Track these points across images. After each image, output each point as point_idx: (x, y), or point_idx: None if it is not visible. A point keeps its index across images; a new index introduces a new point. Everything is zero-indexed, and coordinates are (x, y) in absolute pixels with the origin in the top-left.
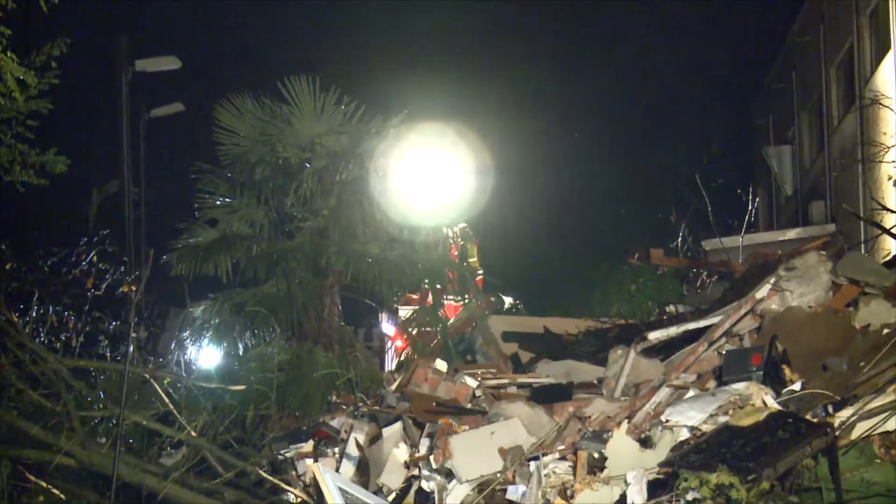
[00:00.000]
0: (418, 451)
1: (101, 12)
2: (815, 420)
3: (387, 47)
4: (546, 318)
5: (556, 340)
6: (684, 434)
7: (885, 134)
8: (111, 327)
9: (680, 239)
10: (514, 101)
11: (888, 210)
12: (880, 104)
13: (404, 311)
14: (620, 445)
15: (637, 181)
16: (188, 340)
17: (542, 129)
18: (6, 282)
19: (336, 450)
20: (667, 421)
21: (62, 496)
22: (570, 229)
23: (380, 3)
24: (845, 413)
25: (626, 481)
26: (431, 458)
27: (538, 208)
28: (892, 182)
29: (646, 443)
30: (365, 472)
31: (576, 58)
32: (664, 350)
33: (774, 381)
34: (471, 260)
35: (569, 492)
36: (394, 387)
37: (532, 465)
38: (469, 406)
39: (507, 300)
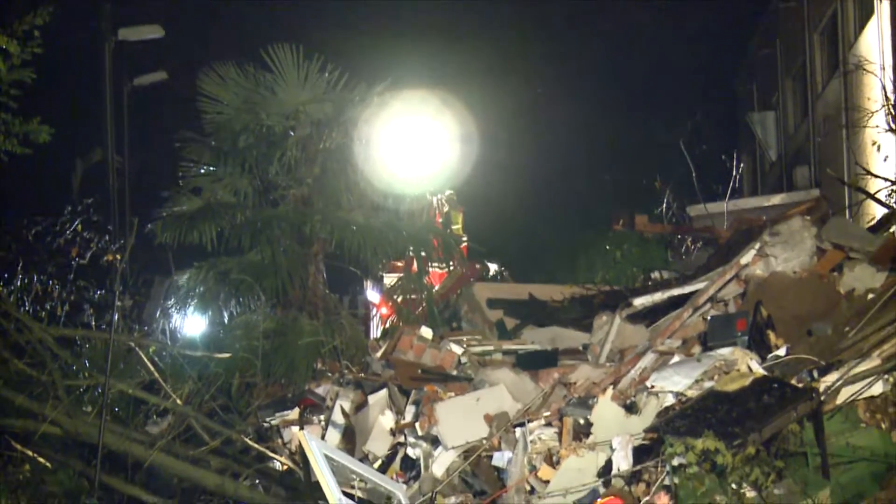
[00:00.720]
0: (404, 419)
1: None
2: (800, 385)
3: (370, 14)
4: (531, 285)
5: (542, 307)
6: (669, 400)
7: (868, 99)
8: (96, 296)
9: (664, 205)
10: (499, 70)
11: (872, 175)
12: (864, 69)
13: (389, 279)
14: (605, 411)
15: (621, 148)
16: (173, 309)
17: (527, 98)
18: None
19: (322, 417)
20: (652, 387)
21: (48, 465)
22: (555, 196)
23: None
24: (830, 378)
25: (611, 447)
26: (417, 425)
27: (523, 176)
28: (875, 147)
29: (631, 409)
30: (351, 440)
31: (559, 25)
32: (649, 316)
33: (759, 346)
34: (454, 227)
35: (554, 458)
36: (379, 354)
37: (518, 431)
38: (454, 373)
39: (493, 267)
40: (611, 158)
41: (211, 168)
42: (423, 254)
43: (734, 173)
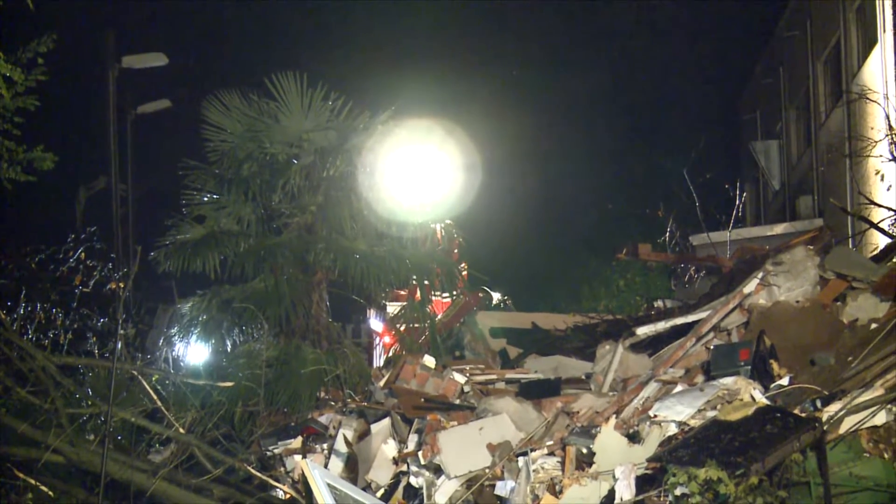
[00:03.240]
0: (407, 447)
1: (88, 9)
2: (803, 414)
3: (375, 44)
4: (534, 314)
5: (545, 336)
6: (672, 429)
7: (872, 129)
8: (99, 324)
9: (668, 234)
10: (502, 99)
11: (875, 204)
12: (867, 99)
13: (392, 308)
14: (608, 441)
15: (625, 176)
16: (176, 337)
17: (530, 126)
18: None
19: (325, 446)
20: (655, 416)
21: (51, 493)
22: (559, 225)
23: (368, 1)
24: (833, 407)
25: (614, 476)
26: (420, 454)
27: (527, 204)
28: (879, 177)
29: (634, 438)
30: (353, 469)
31: (563, 54)
32: (652, 345)
33: (762, 375)
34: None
35: (557, 487)
36: (382, 383)
37: (520, 460)
38: (457, 402)
39: (496, 296)
40: (614, 187)
41: (214, 196)
42: (426, 282)
43: (737, 202)
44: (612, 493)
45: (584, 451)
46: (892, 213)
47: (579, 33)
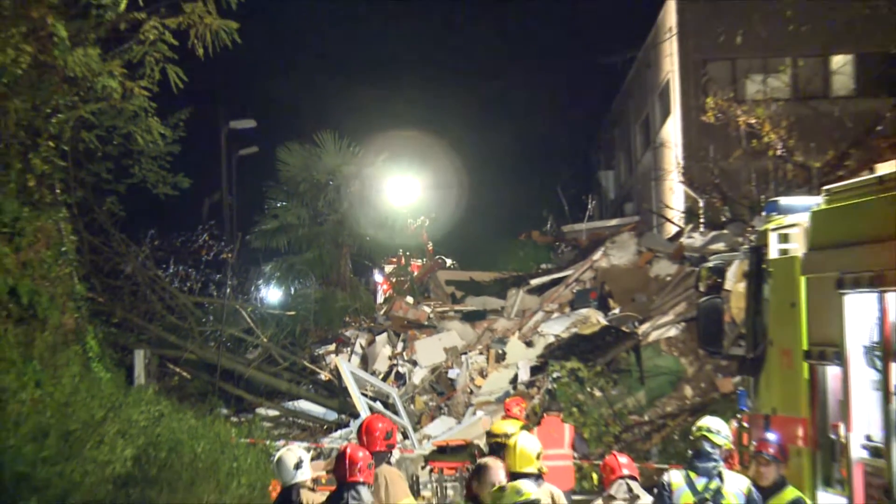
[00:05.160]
0: (396, 350)
1: (210, 90)
2: (627, 330)
3: (381, 104)
4: (471, 272)
5: (477, 285)
6: (551, 339)
7: (667, 165)
8: (216, 278)
9: (549, 225)
10: (455, 139)
11: (669, 208)
12: (664, 146)
13: (388, 268)
14: (514, 345)
15: (525, 188)
16: (261, 285)
17: (475, 157)
18: (155, 252)
19: (349, 349)
20: (541, 331)
21: (188, 376)
22: (488, 218)
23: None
24: (645, 326)
25: (517, 366)
26: (404, 353)
27: (471, 204)
28: (671, 191)
29: (529, 344)
30: (365, 362)
31: (482, 114)
32: (539, 290)
33: (604, 307)
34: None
35: (483, 373)
36: (382, 312)
37: (463, 357)
38: (426, 323)
39: (448, 261)
40: (520, 194)
41: (283, 203)
42: (408, 253)
43: (589, 206)
44: (516, 376)
45: (500, 352)
46: (678, 212)
47: (489, 95)
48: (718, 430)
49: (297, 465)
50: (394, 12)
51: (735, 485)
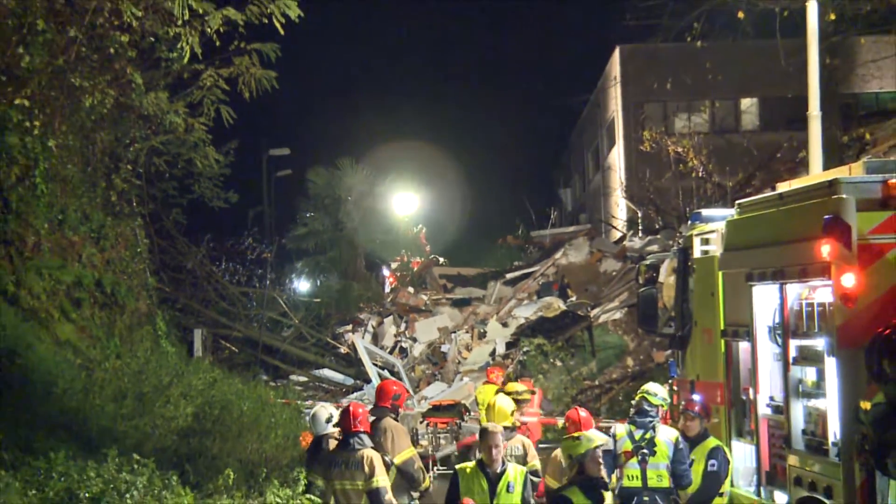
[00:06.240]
0: (400, 329)
1: (253, 125)
2: (582, 314)
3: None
4: (460, 268)
5: (464, 278)
6: (522, 321)
7: (613, 184)
8: (258, 272)
9: (520, 231)
10: (446, 161)
11: (615, 217)
12: (611, 169)
13: (393, 265)
14: (493, 326)
15: (504, 202)
16: (294, 278)
17: (464, 172)
18: (210, 252)
19: (363, 329)
20: (514, 315)
21: (235, 349)
22: (474, 223)
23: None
24: (596, 311)
25: (495, 342)
26: (406, 331)
27: (462, 212)
28: (616, 205)
29: (505, 325)
30: (375, 339)
31: (462, 135)
32: (513, 282)
33: (564, 296)
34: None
35: (469, 347)
36: (389, 299)
37: (452, 335)
38: (423, 308)
39: (442, 259)
40: (499, 206)
41: (311, 213)
42: (409, 253)
43: (551, 217)
44: (494, 350)
45: (482, 331)
46: (621, 221)
47: (481, 129)
48: (656, 393)
49: (328, 420)
50: (393, 55)
51: (665, 435)
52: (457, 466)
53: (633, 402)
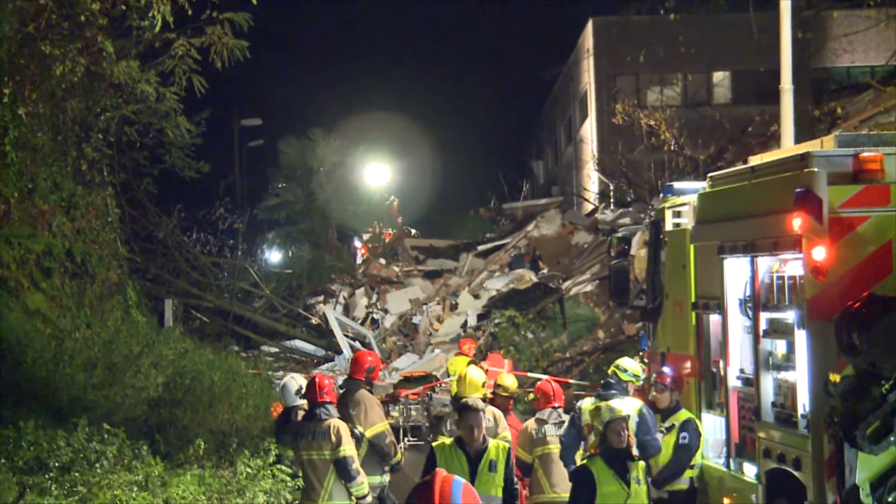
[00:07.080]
0: (372, 300)
1: (225, 94)
2: (553, 286)
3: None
4: (432, 239)
5: (436, 249)
6: (494, 293)
7: (585, 156)
8: (230, 243)
9: (492, 203)
10: (419, 134)
11: (587, 190)
12: (583, 142)
13: (366, 236)
14: (464, 298)
15: (476, 173)
16: (266, 249)
17: (440, 148)
18: (182, 222)
19: (334, 300)
20: (486, 287)
21: (206, 319)
22: (446, 195)
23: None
24: (567, 283)
25: (467, 314)
26: (377, 303)
27: (432, 182)
28: (588, 177)
29: (476, 297)
30: (347, 310)
31: (444, 115)
32: (485, 254)
33: (535, 268)
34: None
35: (440, 319)
36: (361, 271)
37: (424, 307)
38: (395, 279)
39: (413, 230)
40: (471, 177)
41: (283, 184)
42: (381, 224)
43: (524, 189)
44: (466, 322)
45: (453, 302)
46: (593, 193)
47: (455, 98)
48: (626, 368)
49: (298, 392)
50: (365, 26)
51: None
52: (433, 444)
53: (605, 375)
